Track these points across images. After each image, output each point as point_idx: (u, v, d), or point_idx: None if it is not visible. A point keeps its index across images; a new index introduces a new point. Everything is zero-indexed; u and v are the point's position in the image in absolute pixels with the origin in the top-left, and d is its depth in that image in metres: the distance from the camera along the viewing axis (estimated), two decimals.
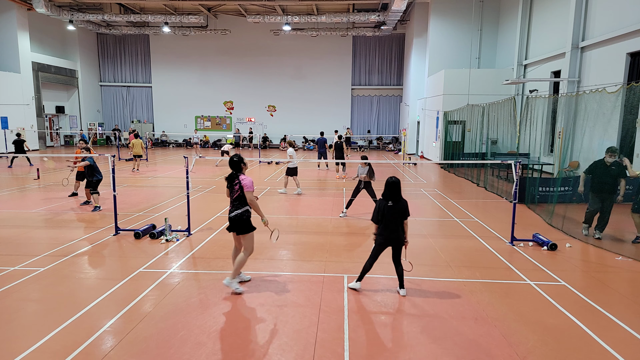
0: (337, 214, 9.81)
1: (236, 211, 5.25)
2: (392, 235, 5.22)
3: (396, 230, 5.21)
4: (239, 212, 5.25)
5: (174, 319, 4.64)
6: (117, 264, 6.38)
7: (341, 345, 4.16)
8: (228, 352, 4.02)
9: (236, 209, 5.26)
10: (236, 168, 5.37)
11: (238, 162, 5.38)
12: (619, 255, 6.96)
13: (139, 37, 32.21)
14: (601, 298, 5.29)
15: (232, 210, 5.29)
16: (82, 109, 31.06)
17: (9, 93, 24.19)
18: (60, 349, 4.03)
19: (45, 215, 9.44)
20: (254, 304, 5.04)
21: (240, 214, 5.24)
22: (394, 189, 5.20)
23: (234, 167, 5.38)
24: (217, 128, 32.60)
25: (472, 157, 16.98)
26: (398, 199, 5.22)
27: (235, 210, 5.26)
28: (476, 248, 7.34)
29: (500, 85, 18.06)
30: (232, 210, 5.29)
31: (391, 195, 5.20)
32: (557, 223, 8.89)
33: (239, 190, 5.23)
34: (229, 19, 29.79)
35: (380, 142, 31.83)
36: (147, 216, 9.41)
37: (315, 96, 31.83)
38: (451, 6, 22.24)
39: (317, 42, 31.02)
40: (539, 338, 4.32)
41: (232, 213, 5.28)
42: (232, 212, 5.28)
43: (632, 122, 10.90)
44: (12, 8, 24.22)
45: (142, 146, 17.41)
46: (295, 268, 6.32)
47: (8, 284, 5.54)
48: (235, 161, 5.34)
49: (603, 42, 13.24)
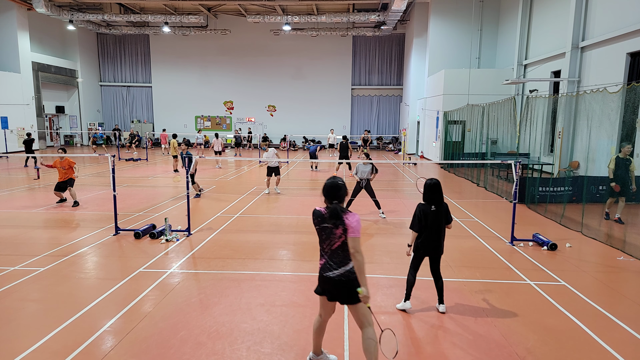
0: None
1: (340, 269, 3.41)
2: (435, 244, 4.72)
3: (439, 237, 4.73)
4: (346, 270, 3.40)
5: (174, 319, 4.64)
6: (117, 264, 6.38)
7: (341, 346, 4.16)
8: (228, 352, 4.02)
9: (339, 266, 3.41)
10: (338, 197, 3.45)
11: (341, 187, 3.48)
12: (620, 255, 6.97)
13: (139, 37, 32.21)
14: (601, 298, 5.29)
15: (329, 266, 3.44)
16: (82, 109, 31.07)
17: (9, 93, 24.20)
18: (60, 348, 4.03)
19: (45, 215, 9.44)
20: (254, 304, 5.03)
21: (348, 273, 3.40)
22: (437, 191, 4.67)
23: (334, 195, 3.44)
24: (217, 128, 32.59)
25: (472, 157, 16.99)
26: (441, 202, 4.70)
27: (338, 267, 3.41)
28: (476, 248, 7.34)
29: (500, 85, 18.06)
30: (330, 267, 3.44)
31: (434, 199, 4.67)
32: (565, 222, 8.93)
33: (342, 236, 3.34)
34: (229, 19, 29.80)
35: (380, 142, 31.83)
36: (147, 216, 9.41)
37: (315, 96, 31.83)
38: (451, 6, 22.24)
39: (317, 42, 31.02)
40: (539, 338, 4.32)
41: (331, 271, 3.43)
42: (331, 270, 3.43)
43: (632, 122, 10.89)
44: (12, 8, 24.22)
45: (174, 147, 16.93)
46: (295, 268, 6.32)
47: (8, 284, 5.54)
48: (337, 186, 3.45)
49: (603, 42, 13.24)
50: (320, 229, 3.46)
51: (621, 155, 8.68)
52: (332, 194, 3.43)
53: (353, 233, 3.29)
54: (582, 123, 12.90)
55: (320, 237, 3.49)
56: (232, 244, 7.42)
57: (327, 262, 3.45)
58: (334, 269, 3.42)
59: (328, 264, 3.45)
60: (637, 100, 9.08)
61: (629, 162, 8.60)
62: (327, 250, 3.45)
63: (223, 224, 8.80)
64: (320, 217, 3.44)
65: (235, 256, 6.75)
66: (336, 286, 3.43)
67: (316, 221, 3.48)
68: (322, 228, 3.43)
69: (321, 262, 3.52)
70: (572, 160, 13.50)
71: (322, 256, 3.51)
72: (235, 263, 6.44)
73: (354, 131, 32.10)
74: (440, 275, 4.90)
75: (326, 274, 3.45)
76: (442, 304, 4.87)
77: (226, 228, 8.49)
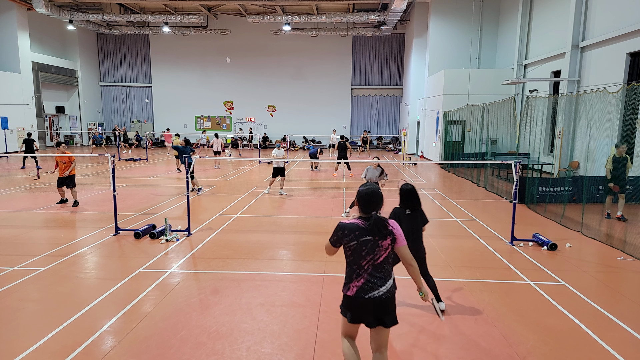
0: (337, 214, 9.81)
1: (386, 285, 3.00)
2: (413, 245, 4.52)
3: (414, 240, 4.61)
4: (391, 284, 3.03)
5: (174, 319, 4.64)
6: (117, 264, 6.38)
7: (341, 345, 4.15)
8: (228, 352, 4.02)
9: (384, 282, 2.99)
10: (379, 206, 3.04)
11: (381, 195, 3.08)
12: (620, 255, 6.97)
13: (139, 37, 32.22)
14: (601, 298, 5.29)
15: (372, 285, 2.97)
16: (82, 109, 31.08)
17: (9, 93, 24.21)
18: (60, 349, 4.03)
19: (45, 215, 9.44)
20: (254, 304, 5.03)
21: (393, 288, 3.05)
22: (413, 196, 4.64)
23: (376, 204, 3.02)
24: (217, 128, 32.60)
25: (472, 157, 16.99)
26: (416, 207, 4.66)
27: (384, 283, 2.99)
28: (476, 248, 7.34)
29: (500, 85, 18.07)
30: (374, 285, 2.97)
31: (409, 204, 4.65)
32: (565, 222, 8.94)
33: (389, 247, 2.99)
34: (229, 19, 29.80)
35: (380, 142, 31.83)
36: (147, 216, 9.41)
37: (315, 96, 31.84)
38: (451, 6, 22.25)
39: (317, 42, 31.03)
40: (539, 338, 4.32)
41: (376, 290, 2.96)
42: (376, 289, 2.96)
43: (632, 122, 10.90)
44: (12, 8, 24.23)
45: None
46: (295, 268, 6.32)
47: (8, 284, 5.54)
48: (378, 194, 3.05)
49: (603, 42, 13.24)
50: (360, 244, 2.94)
51: (617, 155, 8.86)
52: (375, 202, 3.02)
53: (402, 241, 3.02)
54: (582, 123, 12.90)
55: (356, 254, 2.97)
56: (232, 244, 7.42)
57: (369, 280, 2.96)
58: (378, 287, 2.96)
59: (370, 282, 2.96)
60: (637, 100, 9.09)
61: (626, 160, 8.84)
62: (367, 267, 2.97)
63: (223, 224, 8.80)
64: (359, 231, 2.95)
65: (235, 256, 6.76)
66: (383, 306, 2.96)
67: (352, 236, 2.95)
68: (363, 242, 2.94)
69: (357, 284, 2.98)
70: (572, 160, 13.51)
71: (359, 276, 2.98)
72: (235, 263, 6.44)
73: (354, 131, 32.11)
74: (429, 274, 4.85)
75: (369, 295, 2.94)
76: (440, 301, 4.83)
77: (226, 228, 8.49)
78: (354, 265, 3.01)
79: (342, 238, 3.00)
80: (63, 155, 10.12)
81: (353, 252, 2.99)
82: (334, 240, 3.06)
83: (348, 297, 3.02)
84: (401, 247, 3.02)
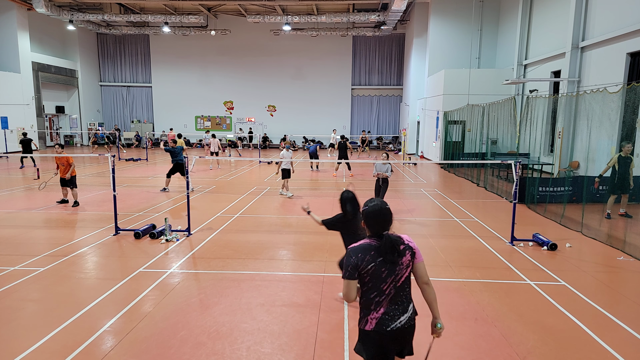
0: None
1: (408, 311, 2.67)
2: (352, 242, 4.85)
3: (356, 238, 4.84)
4: (412, 309, 2.71)
5: (174, 319, 4.64)
6: (117, 264, 6.38)
7: (341, 345, 4.16)
8: (228, 352, 4.02)
9: (406, 307, 2.67)
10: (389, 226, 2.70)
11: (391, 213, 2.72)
12: (620, 255, 6.97)
13: (139, 37, 32.22)
14: (601, 298, 5.29)
15: (394, 313, 2.61)
16: (82, 109, 31.08)
17: (9, 93, 24.20)
18: (60, 348, 4.03)
19: (45, 215, 9.44)
20: (254, 304, 5.03)
21: (414, 314, 2.72)
22: (352, 203, 4.74)
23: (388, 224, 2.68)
24: (217, 128, 32.60)
25: (472, 157, 16.99)
26: (356, 213, 4.78)
27: (406, 309, 2.66)
28: (476, 248, 7.34)
29: (500, 85, 18.07)
30: (396, 313, 2.61)
31: (353, 211, 4.76)
32: (565, 222, 8.95)
33: (410, 264, 2.64)
34: (229, 19, 29.80)
35: (380, 142, 31.84)
36: (147, 216, 9.41)
37: (315, 96, 31.84)
38: (451, 6, 22.25)
39: (317, 42, 31.03)
40: (539, 338, 4.32)
41: (399, 319, 2.61)
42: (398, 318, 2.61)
43: (632, 122, 10.90)
44: (12, 8, 24.23)
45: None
46: (295, 268, 6.32)
47: (8, 284, 5.54)
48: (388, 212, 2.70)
49: (603, 42, 13.24)
50: (377, 265, 2.55)
51: (622, 154, 8.98)
52: (385, 221, 2.65)
53: (421, 257, 2.67)
54: (582, 123, 12.92)
55: (375, 277, 2.57)
56: (232, 244, 7.42)
57: (390, 308, 2.59)
58: (400, 315, 2.59)
59: (391, 311, 2.59)
60: (637, 100, 9.10)
61: (630, 159, 8.95)
62: (388, 292, 2.59)
63: (223, 224, 8.80)
64: (375, 251, 2.56)
65: (235, 256, 6.76)
66: (404, 337, 2.63)
67: (368, 259, 2.55)
68: (380, 264, 2.56)
69: (377, 315, 2.59)
70: (572, 160, 13.51)
71: (379, 305, 2.59)
72: (235, 263, 6.44)
73: (354, 131, 32.10)
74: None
75: (392, 327, 2.56)
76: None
77: (226, 228, 8.49)
78: (372, 293, 2.59)
79: (358, 265, 2.54)
80: (61, 157, 10.11)
81: (372, 277, 2.56)
82: (350, 271, 2.55)
83: (366, 333, 2.59)
84: (419, 262, 2.67)
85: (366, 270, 2.56)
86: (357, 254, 2.56)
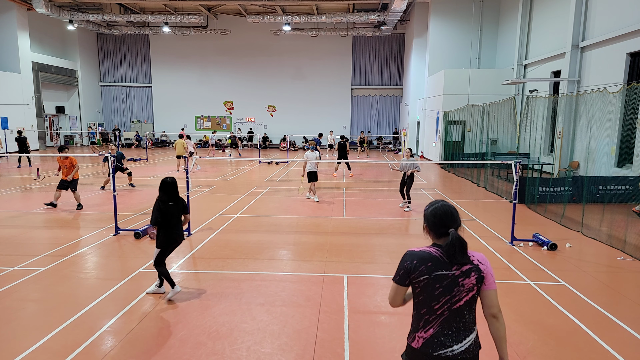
0: (337, 214, 9.80)
1: (466, 340, 2.27)
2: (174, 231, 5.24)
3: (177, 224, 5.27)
4: (471, 339, 2.29)
5: (174, 319, 4.64)
6: (117, 264, 6.38)
7: (341, 345, 4.16)
8: (228, 352, 4.02)
9: (464, 337, 2.27)
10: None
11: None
12: (620, 255, 6.97)
13: (139, 37, 32.21)
14: (601, 298, 5.29)
15: (446, 339, 2.25)
16: (82, 109, 31.07)
17: (9, 93, 24.19)
18: (60, 348, 4.03)
19: (45, 215, 9.44)
20: (254, 304, 5.04)
21: (474, 347, 2.30)
22: (173, 188, 5.21)
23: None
24: (217, 128, 32.60)
25: (472, 157, 16.99)
26: (177, 198, 5.29)
27: (463, 338, 2.26)
28: (476, 248, 7.34)
29: (500, 85, 18.07)
30: (447, 340, 2.25)
31: (173, 195, 5.21)
32: (565, 222, 8.94)
33: (474, 288, 2.27)
34: (229, 19, 29.80)
35: (380, 142, 31.84)
36: (147, 216, 9.40)
37: (315, 96, 31.84)
38: (451, 6, 22.25)
39: (317, 42, 31.03)
40: (539, 338, 4.32)
41: (452, 347, 2.24)
42: (451, 346, 2.24)
43: (632, 122, 10.91)
44: (12, 8, 24.22)
45: (184, 147, 16.56)
46: (295, 268, 6.32)
47: (8, 284, 5.54)
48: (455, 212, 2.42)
49: (603, 42, 13.24)
50: (431, 280, 2.22)
51: None
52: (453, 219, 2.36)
53: (492, 284, 2.26)
54: (582, 123, 12.92)
55: (427, 293, 2.24)
56: (232, 244, 7.42)
57: (441, 332, 2.24)
58: (452, 343, 2.22)
59: (442, 335, 2.24)
60: (637, 100, 9.10)
61: None
62: (440, 313, 2.24)
63: (223, 224, 8.80)
64: (433, 262, 2.24)
65: (235, 256, 6.76)
66: None
67: (423, 268, 2.24)
68: (437, 278, 2.22)
69: (424, 335, 2.27)
70: (572, 161, 13.51)
71: (428, 324, 2.26)
72: (235, 263, 6.44)
73: (354, 131, 32.10)
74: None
75: (441, 353, 2.22)
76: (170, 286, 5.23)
77: (226, 228, 8.49)
78: (422, 309, 2.28)
79: (411, 271, 2.25)
80: (65, 158, 10.02)
81: (423, 290, 2.25)
82: (401, 275, 2.29)
83: (412, 349, 2.32)
84: (490, 290, 2.26)
85: (418, 281, 2.25)
86: (412, 260, 2.27)
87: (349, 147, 16.43)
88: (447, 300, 2.22)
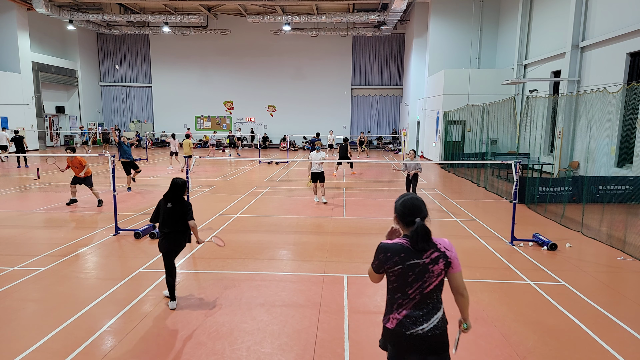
0: (337, 214, 9.80)
1: (433, 318, 2.53)
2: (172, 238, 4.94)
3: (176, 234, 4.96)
4: (438, 318, 2.55)
5: (174, 319, 4.64)
6: (117, 264, 6.38)
7: (341, 346, 4.16)
8: (228, 352, 4.02)
9: (431, 315, 2.53)
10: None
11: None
12: (620, 255, 6.97)
13: (139, 37, 32.21)
14: (601, 298, 5.29)
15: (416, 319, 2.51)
16: (82, 109, 31.07)
17: (9, 93, 24.19)
18: (61, 348, 4.03)
19: (45, 215, 9.44)
20: (254, 304, 5.04)
21: (441, 323, 2.57)
22: (179, 190, 4.95)
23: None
24: (217, 128, 32.60)
25: (472, 157, 16.99)
26: (181, 201, 4.98)
27: (430, 317, 2.52)
28: (476, 248, 7.34)
29: (500, 85, 18.07)
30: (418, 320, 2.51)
31: (175, 197, 4.95)
32: (565, 222, 8.94)
33: (442, 273, 2.52)
34: (229, 19, 29.80)
35: (380, 142, 31.84)
36: (147, 216, 9.40)
37: (315, 96, 31.84)
38: (451, 6, 22.25)
39: (317, 42, 31.02)
40: (539, 338, 4.32)
41: (421, 326, 2.50)
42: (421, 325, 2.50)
43: (632, 122, 10.90)
44: (12, 8, 24.22)
45: (190, 146, 16.90)
46: (295, 268, 6.32)
47: (8, 284, 5.54)
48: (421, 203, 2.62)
49: (603, 42, 13.24)
50: (406, 268, 2.47)
51: None
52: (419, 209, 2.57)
53: (458, 267, 2.54)
54: (582, 123, 12.92)
55: (401, 280, 2.50)
56: (232, 244, 7.42)
57: (412, 313, 2.51)
58: (422, 322, 2.50)
59: (413, 316, 2.51)
60: (637, 100, 9.09)
61: None
62: (413, 296, 2.51)
63: (223, 224, 8.80)
64: (405, 252, 2.47)
65: (235, 256, 6.76)
66: (428, 345, 2.50)
67: (396, 259, 2.48)
68: (410, 267, 2.46)
69: (398, 316, 2.54)
70: (572, 160, 13.51)
71: (401, 307, 2.54)
72: (235, 263, 6.44)
73: (354, 131, 32.10)
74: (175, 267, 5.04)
75: (411, 332, 2.49)
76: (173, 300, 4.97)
77: (226, 228, 8.49)
78: (397, 293, 2.54)
79: (385, 262, 2.51)
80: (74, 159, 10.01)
81: (398, 278, 2.51)
82: (376, 265, 2.57)
83: (387, 330, 2.60)
84: (456, 273, 2.54)
85: (392, 271, 2.50)
86: (385, 253, 2.51)
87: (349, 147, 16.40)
88: (419, 286, 2.50)
